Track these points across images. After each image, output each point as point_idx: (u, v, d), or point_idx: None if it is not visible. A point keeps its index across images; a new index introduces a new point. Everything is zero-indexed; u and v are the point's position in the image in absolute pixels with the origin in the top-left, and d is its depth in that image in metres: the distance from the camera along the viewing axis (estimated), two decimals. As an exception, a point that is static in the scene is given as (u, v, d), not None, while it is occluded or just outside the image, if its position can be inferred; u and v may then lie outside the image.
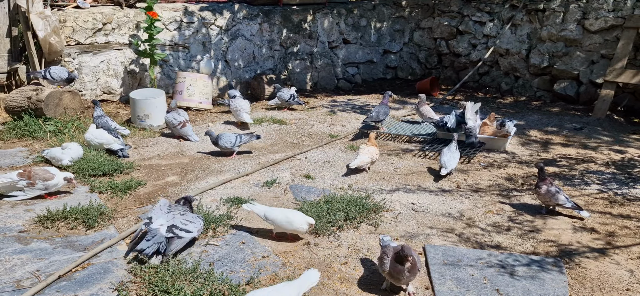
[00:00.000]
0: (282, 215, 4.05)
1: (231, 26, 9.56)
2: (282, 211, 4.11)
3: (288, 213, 4.08)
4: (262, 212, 4.12)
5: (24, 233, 4.15)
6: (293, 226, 4.02)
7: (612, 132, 7.42)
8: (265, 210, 4.12)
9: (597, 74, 8.79)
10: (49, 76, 7.27)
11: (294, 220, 4.03)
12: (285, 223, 4.02)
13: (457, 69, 11.04)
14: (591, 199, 5.03)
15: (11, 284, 3.43)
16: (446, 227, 4.44)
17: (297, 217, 4.05)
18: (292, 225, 4.02)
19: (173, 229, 3.78)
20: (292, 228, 4.04)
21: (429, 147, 6.60)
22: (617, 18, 8.64)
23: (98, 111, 6.65)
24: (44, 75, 7.27)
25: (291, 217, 4.04)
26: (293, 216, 4.05)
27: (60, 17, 8.02)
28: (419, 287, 3.53)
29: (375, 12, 11.17)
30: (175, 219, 3.86)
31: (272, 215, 4.07)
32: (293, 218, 4.03)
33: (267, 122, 7.72)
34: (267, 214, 4.09)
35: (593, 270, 3.78)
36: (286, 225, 4.03)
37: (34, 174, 4.74)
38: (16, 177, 4.72)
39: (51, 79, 7.28)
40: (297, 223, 4.02)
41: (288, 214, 4.06)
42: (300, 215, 4.08)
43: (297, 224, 4.02)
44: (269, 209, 4.13)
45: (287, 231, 4.09)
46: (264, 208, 4.15)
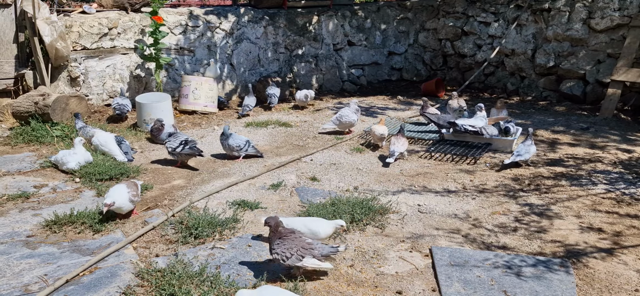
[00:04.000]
0: (304, 227, 3.92)
1: (236, 30, 9.58)
2: (304, 221, 3.98)
3: (311, 223, 3.96)
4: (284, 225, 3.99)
5: (32, 238, 4.18)
6: (319, 236, 3.91)
7: (619, 131, 7.38)
8: (287, 223, 3.94)
9: (604, 74, 8.74)
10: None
11: (319, 229, 3.92)
12: (309, 233, 3.90)
13: (463, 69, 11.01)
14: (598, 199, 5.01)
15: (19, 288, 3.45)
16: (452, 228, 4.43)
17: (321, 226, 3.94)
18: (317, 236, 3.90)
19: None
20: (318, 239, 3.93)
21: (434, 148, 6.59)
22: (623, 17, 8.60)
23: (80, 123, 6.64)
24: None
25: (313, 226, 3.93)
26: (316, 225, 3.94)
27: (66, 22, 8.07)
28: (425, 289, 3.53)
29: (379, 14, 11.17)
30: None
31: (292, 227, 3.90)
32: (317, 228, 3.92)
33: (273, 125, 7.73)
34: (289, 227, 3.93)
35: (601, 271, 3.76)
36: (311, 236, 3.91)
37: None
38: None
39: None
40: (323, 232, 3.93)
41: (310, 224, 3.94)
42: (323, 222, 3.97)
43: (323, 233, 3.93)
44: (289, 221, 3.99)
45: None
46: (285, 221, 3.97)
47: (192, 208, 4.66)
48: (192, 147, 5.86)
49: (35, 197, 5.03)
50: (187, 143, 5.86)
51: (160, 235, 4.23)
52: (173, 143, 5.88)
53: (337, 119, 7.19)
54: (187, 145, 5.85)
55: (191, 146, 5.86)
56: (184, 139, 5.89)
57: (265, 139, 7.08)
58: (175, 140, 5.90)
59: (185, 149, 5.83)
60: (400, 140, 6.20)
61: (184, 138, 5.91)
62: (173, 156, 5.95)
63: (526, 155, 5.88)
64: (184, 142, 5.86)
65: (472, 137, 6.63)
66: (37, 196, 5.06)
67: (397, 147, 6.11)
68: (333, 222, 3.99)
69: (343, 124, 7.14)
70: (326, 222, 3.99)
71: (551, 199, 5.03)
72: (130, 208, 4.49)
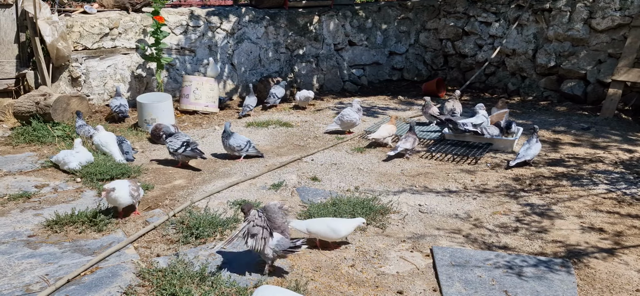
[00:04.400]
0: (326, 227, 3.93)
1: (237, 30, 9.59)
2: (325, 221, 3.99)
3: (331, 222, 3.97)
4: (303, 227, 3.97)
5: (33, 238, 4.18)
6: (340, 235, 3.94)
7: (620, 131, 7.38)
8: (307, 225, 3.98)
9: (605, 74, 8.74)
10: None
11: (339, 228, 3.93)
12: (331, 233, 3.93)
13: (464, 69, 11.01)
14: (599, 199, 5.01)
15: (21, 288, 3.46)
16: (453, 228, 4.43)
17: (341, 225, 3.95)
18: (338, 234, 3.93)
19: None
20: (338, 237, 3.96)
21: (435, 147, 6.59)
22: (624, 17, 8.60)
23: (80, 122, 6.65)
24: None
25: (334, 225, 3.94)
26: (336, 224, 3.95)
27: (68, 22, 8.07)
28: (426, 289, 3.53)
29: (380, 14, 11.17)
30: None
31: (315, 228, 3.94)
32: (337, 227, 3.93)
33: (273, 125, 7.73)
34: (309, 228, 3.95)
35: (602, 271, 3.76)
36: (332, 235, 3.94)
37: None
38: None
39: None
40: (344, 230, 3.94)
41: (333, 224, 3.95)
42: (345, 222, 3.99)
43: (344, 231, 3.95)
44: (311, 223, 3.99)
45: (332, 240, 4.02)
46: (306, 223, 4.00)
47: (193, 208, 4.66)
48: (193, 148, 5.85)
49: (36, 196, 5.04)
50: (189, 145, 5.86)
51: (161, 235, 4.23)
52: (174, 144, 5.88)
53: (338, 119, 7.21)
54: (188, 147, 5.85)
55: (193, 148, 5.85)
56: (185, 140, 5.88)
57: (266, 139, 7.09)
58: (176, 140, 5.90)
59: (187, 151, 5.83)
60: (410, 138, 6.25)
61: (185, 139, 5.91)
62: (174, 157, 5.96)
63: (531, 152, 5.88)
64: (186, 143, 5.86)
65: (473, 137, 6.63)
66: (39, 196, 5.06)
67: (402, 143, 6.18)
68: (354, 221, 4.03)
69: (345, 123, 7.15)
70: (348, 221, 4.02)
71: (552, 199, 5.03)
72: (128, 202, 4.49)
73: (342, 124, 7.18)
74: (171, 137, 5.99)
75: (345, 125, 7.19)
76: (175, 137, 5.98)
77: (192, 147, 5.86)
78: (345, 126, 7.20)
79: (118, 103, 7.70)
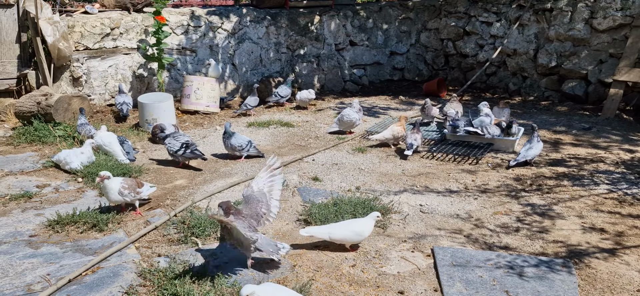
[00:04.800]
0: (349, 231, 3.90)
1: (238, 30, 9.59)
2: (347, 226, 3.96)
3: (353, 225, 3.95)
4: (325, 234, 3.92)
5: (35, 238, 4.19)
6: (363, 236, 3.93)
7: (621, 131, 7.37)
8: (329, 231, 3.93)
9: (606, 74, 8.73)
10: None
11: (363, 230, 3.92)
12: (355, 236, 3.92)
13: (465, 69, 11.01)
14: (600, 199, 5.01)
15: (22, 288, 3.47)
16: (454, 228, 4.43)
17: (364, 226, 3.94)
18: (362, 236, 3.93)
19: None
20: (361, 239, 3.95)
21: (436, 147, 6.59)
22: (625, 17, 8.59)
23: (82, 119, 6.66)
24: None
25: (358, 227, 3.93)
26: (359, 226, 3.94)
27: (69, 22, 8.08)
28: (427, 289, 3.53)
29: (381, 14, 11.17)
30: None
31: (338, 234, 3.89)
32: (361, 229, 3.92)
33: (275, 125, 7.74)
34: (332, 235, 3.91)
35: (603, 271, 3.76)
36: (356, 237, 3.93)
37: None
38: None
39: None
40: (367, 230, 3.93)
41: (355, 227, 3.93)
42: (362, 222, 3.97)
43: (367, 232, 3.94)
44: (332, 228, 3.95)
45: (357, 242, 4.01)
46: (327, 229, 3.94)
47: (194, 208, 4.66)
48: (193, 150, 5.84)
49: (37, 196, 5.05)
50: (188, 146, 5.84)
51: (162, 235, 4.24)
52: (173, 145, 5.87)
53: (338, 119, 7.23)
54: (188, 148, 5.83)
55: (193, 150, 5.84)
56: (185, 142, 5.87)
57: (267, 139, 7.09)
58: (175, 142, 5.89)
59: (186, 153, 5.83)
60: (418, 135, 6.33)
61: (185, 140, 5.90)
62: (174, 158, 5.96)
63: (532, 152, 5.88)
64: (185, 144, 5.84)
65: (474, 137, 6.63)
66: (40, 196, 5.07)
67: (412, 141, 6.25)
68: (372, 218, 4.01)
69: (345, 123, 7.16)
70: (367, 220, 4.00)
71: (553, 199, 5.03)
72: (116, 199, 4.51)
73: (342, 124, 7.19)
74: (170, 138, 5.97)
75: (345, 126, 7.20)
76: (174, 138, 5.96)
77: (192, 149, 5.85)
78: (345, 126, 7.21)
79: (122, 100, 7.77)
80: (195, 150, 5.87)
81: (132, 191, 4.54)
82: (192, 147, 5.87)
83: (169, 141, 5.94)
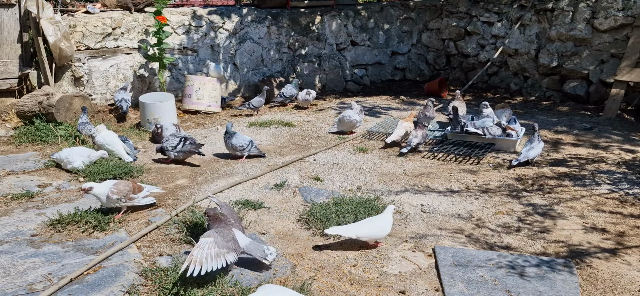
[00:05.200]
0: (374, 228, 3.99)
1: (239, 29, 9.60)
2: (372, 223, 4.03)
3: (377, 221, 4.03)
4: (353, 233, 3.97)
5: (36, 237, 4.19)
6: (387, 232, 4.02)
7: (622, 131, 7.37)
8: (356, 230, 3.98)
9: (607, 74, 8.73)
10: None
11: (386, 225, 4.01)
12: (380, 232, 3.99)
13: (466, 69, 11.01)
14: (602, 199, 5.00)
15: (24, 287, 3.47)
16: (456, 228, 4.43)
17: (386, 221, 4.03)
18: (386, 231, 4.01)
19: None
20: (385, 234, 4.03)
21: (438, 148, 6.59)
22: (627, 17, 8.59)
23: (83, 118, 6.66)
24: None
25: (381, 223, 4.02)
26: (382, 222, 4.02)
27: (70, 22, 8.09)
28: (429, 289, 3.53)
29: (383, 14, 11.17)
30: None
31: (365, 232, 3.96)
32: (384, 224, 4.01)
33: (276, 125, 7.74)
34: (358, 234, 3.96)
35: (604, 271, 3.75)
36: (381, 233, 4.00)
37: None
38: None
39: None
40: (389, 225, 4.03)
41: (378, 223, 4.02)
42: (383, 218, 4.05)
43: (389, 226, 4.03)
44: (358, 227, 4.00)
45: (381, 239, 4.08)
46: (354, 228, 3.99)
47: (195, 208, 4.66)
48: (192, 142, 5.96)
49: (39, 196, 5.05)
50: (187, 140, 5.98)
51: (163, 234, 4.24)
52: (172, 142, 5.93)
53: (339, 120, 7.24)
54: (187, 141, 5.95)
55: (191, 142, 5.96)
56: (183, 136, 6.00)
57: (268, 139, 7.09)
58: (173, 139, 5.98)
59: (187, 145, 5.92)
60: (420, 133, 6.37)
61: (182, 135, 6.02)
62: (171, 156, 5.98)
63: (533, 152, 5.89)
64: (183, 139, 5.96)
65: (475, 137, 6.63)
66: (41, 195, 5.07)
67: (413, 139, 6.31)
68: (389, 212, 4.07)
69: (346, 124, 7.18)
70: (387, 215, 4.05)
71: (554, 199, 5.03)
72: (110, 205, 4.51)
73: (343, 125, 7.21)
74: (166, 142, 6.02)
75: (346, 126, 7.21)
76: (172, 136, 6.06)
77: (190, 141, 5.98)
78: (347, 127, 7.22)
79: (120, 97, 7.84)
80: (194, 142, 6.00)
81: (123, 196, 4.50)
82: (190, 140, 5.99)
83: (166, 140, 6.01)
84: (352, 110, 7.23)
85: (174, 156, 5.97)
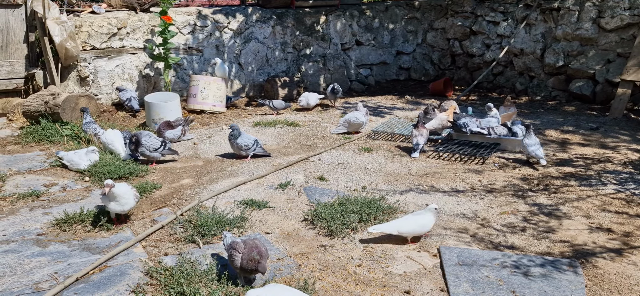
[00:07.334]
0: (416, 224, 4.10)
1: (244, 29, 9.61)
2: (413, 219, 4.13)
3: (418, 219, 4.12)
4: (394, 229, 4.09)
5: (42, 236, 4.22)
6: (427, 229, 4.14)
7: (629, 131, 7.33)
8: (398, 226, 4.10)
9: (614, 73, 8.69)
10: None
11: (426, 222, 4.12)
12: (421, 228, 4.11)
13: (471, 69, 10.98)
14: (608, 199, 4.98)
15: (30, 286, 3.49)
16: (461, 228, 4.42)
17: (427, 219, 4.12)
18: (426, 228, 4.12)
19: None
20: (426, 231, 4.13)
21: (443, 148, 6.58)
22: (633, 16, 8.54)
23: (87, 118, 6.68)
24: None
25: (423, 220, 4.11)
26: (424, 219, 4.12)
27: (76, 22, 8.12)
28: (434, 289, 3.53)
29: (388, 14, 11.16)
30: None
31: (407, 228, 4.08)
32: (425, 221, 4.11)
33: (281, 125, 7.74)
34: (400, 230, 4.08)
35: (610, 271, 3.74)
36: (421, 230, 4.11)
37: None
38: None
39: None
40: (430, 223, 4.14)
41: (419, 220, 4.11)
42: (426, 215, 4.13)
43: (431, 225, 4.15)
44: (400, 224, 4.11)
45: (421, 235, 4.18)
46: (396, 225, 4.11)
47: (200, 207, 4.67)
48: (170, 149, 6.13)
49: (45, 195, 5.08)
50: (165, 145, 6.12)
51: (169, 234, 4.25)
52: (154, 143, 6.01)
53: (346, 121, 7.25)
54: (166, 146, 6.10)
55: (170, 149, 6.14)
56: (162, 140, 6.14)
57: (273, 139, 7.10)
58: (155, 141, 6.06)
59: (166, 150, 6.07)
60: (422, 131, 6.36)
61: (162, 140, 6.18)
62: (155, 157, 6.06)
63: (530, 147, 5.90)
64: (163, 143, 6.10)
65: (480, 137, 6.61)
66: (47, 195, 5.10)
67: (419, 139, 6.31)
68: (431, 211, 4.15)
69: (352, 125, 7.20)
70: (428, 213, 4.14)
71: (560, 199, 5.01)
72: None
73: (350, 126, 7.22)
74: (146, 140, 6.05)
75: (352, 127, 7.23)
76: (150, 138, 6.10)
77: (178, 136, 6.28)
78: (353, 128, 7.23)
79: (129, 96, 8.06)
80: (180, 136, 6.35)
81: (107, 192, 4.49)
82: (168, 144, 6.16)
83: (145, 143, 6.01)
84: (359, 111, 7.24)
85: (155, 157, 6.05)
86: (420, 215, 4.15)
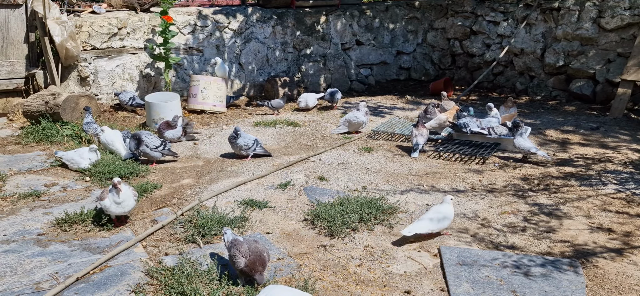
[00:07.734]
0: (444, 220, 4.20)
1: (244, 29, 9.61)
2: (441, 217, 4.20)
3: (444, 213, 4.21)
4: (427, 229, 4.14)
5: (43, 236, 4.22)
6: (451, 221, 4.26)
7: (629, 131, 7.33)
8: (430, 226, 4.15)
9: (614, 73, 8.69)
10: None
11: (450, 215, 4.23)
12: (448, 222, 4.23)
13: (471, 69, 10.98)
14: (608, 199, 4.98)
15: (31, 286, 3.49)
16: (461, 228, 4.42)
17: (450, 212, 4.23)
18: (450, 220, 4.24)
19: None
20: (450, 223, 4.26)
21: (443, 147, 6.58)
22: (633, 16, 8.54)
23: (89, 118, 6.68)
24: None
25: (447, 214, 4.21)
26: (448, 212, 4.22)
27: (76, 22, 8.13)
28: (434, 289, 3.53)
29: (388, 13, 11.15)
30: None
31: (439, 225, 4.17)
32: (450, 214, 4.22)
33: (281, 124, 7.75)
34: (432, 229, 4.16)
35: (611, 271, 3.74)
36: (448, 223, 4.24)
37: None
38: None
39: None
40: (452, 214, 4.25)
41: (446, 215, 4.21)
42: (446, 209, 4.22)
43: (452, 215, 4.25)
44: (431, 224, 4.17)
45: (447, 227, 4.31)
46: (428, 225, 4.16)
47: (201, 207, 4.68)
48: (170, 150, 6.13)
49: (45, 195, 5.08)
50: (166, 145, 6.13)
51: (169, 234, 4.25)
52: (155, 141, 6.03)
53: (346, 121, 7.25)
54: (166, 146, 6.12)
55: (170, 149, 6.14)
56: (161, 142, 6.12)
57: (273, 138, 7.10)
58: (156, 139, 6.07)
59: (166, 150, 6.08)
60: (422, 131, 6.38)
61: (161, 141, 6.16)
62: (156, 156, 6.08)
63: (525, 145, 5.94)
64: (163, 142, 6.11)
65: (481, 136, 6.61)
66: (48, 194, 5.10)
67: (418, 139, 6.32)
68: (447, 202, 4.26)
69: (353, 125, 7.20)
70: (448, 206, 4.24)
71: (560, 199, 5.01)
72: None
73: (350, 126, 7.23)
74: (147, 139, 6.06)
75: (353, 127, 7.23)
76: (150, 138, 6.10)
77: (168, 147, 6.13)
78: (353, 128, 7.24)
79: (130, 96, 8.11)
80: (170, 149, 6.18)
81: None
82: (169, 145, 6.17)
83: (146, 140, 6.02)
84: (359, 111, 7.24)
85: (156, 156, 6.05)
86: (443, 210, 4.21)
